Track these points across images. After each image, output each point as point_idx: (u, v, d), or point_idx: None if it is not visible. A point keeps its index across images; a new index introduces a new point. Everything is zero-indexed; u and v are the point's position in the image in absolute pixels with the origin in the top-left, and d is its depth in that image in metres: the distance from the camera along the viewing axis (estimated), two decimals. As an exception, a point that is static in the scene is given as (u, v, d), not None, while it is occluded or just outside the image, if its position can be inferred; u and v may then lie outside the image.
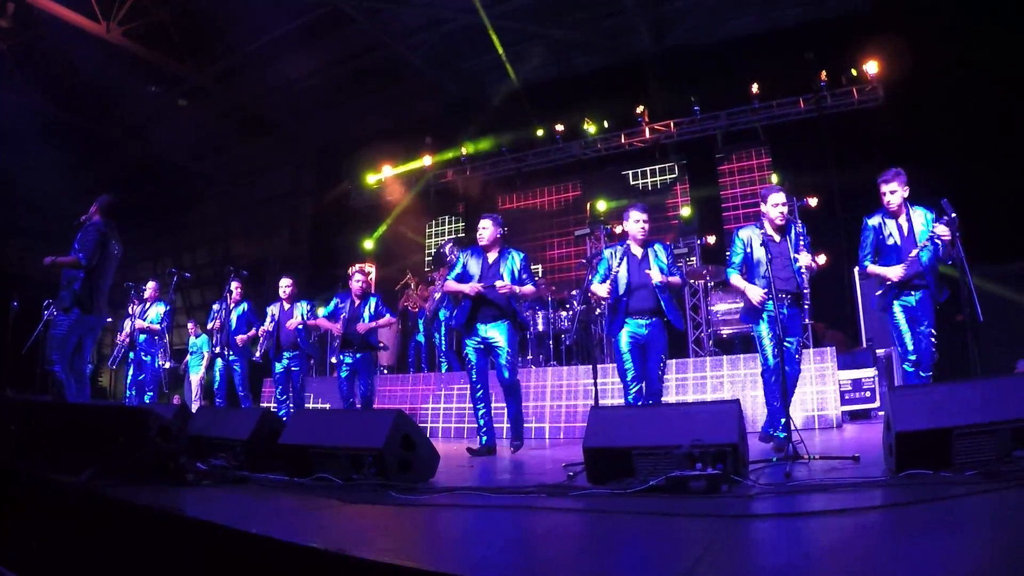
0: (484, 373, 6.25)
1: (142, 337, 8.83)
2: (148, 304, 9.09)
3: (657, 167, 13.87)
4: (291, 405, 8.55)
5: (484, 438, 6.12)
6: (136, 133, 16.49)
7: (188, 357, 9.58)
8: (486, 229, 6.28)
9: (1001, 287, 9.00)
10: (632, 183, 14.09)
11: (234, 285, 8.57)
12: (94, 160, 17.04)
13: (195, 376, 10.11)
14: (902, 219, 5.24)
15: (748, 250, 5.28)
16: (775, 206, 5.21)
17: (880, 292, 5.37)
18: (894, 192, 5.18)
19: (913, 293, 5.20)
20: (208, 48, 13.46)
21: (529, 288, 6.20)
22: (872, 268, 5.36)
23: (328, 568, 2.08)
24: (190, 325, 11.48)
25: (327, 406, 9.75)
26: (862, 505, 2.64)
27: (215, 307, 9.24)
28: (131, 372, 8.95)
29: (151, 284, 9.23)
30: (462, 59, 14.05)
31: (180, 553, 2.59)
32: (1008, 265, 9.13)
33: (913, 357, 5.16)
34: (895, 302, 5.25)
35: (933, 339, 5.17)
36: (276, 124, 16.65)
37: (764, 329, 5.16)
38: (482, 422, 6.18)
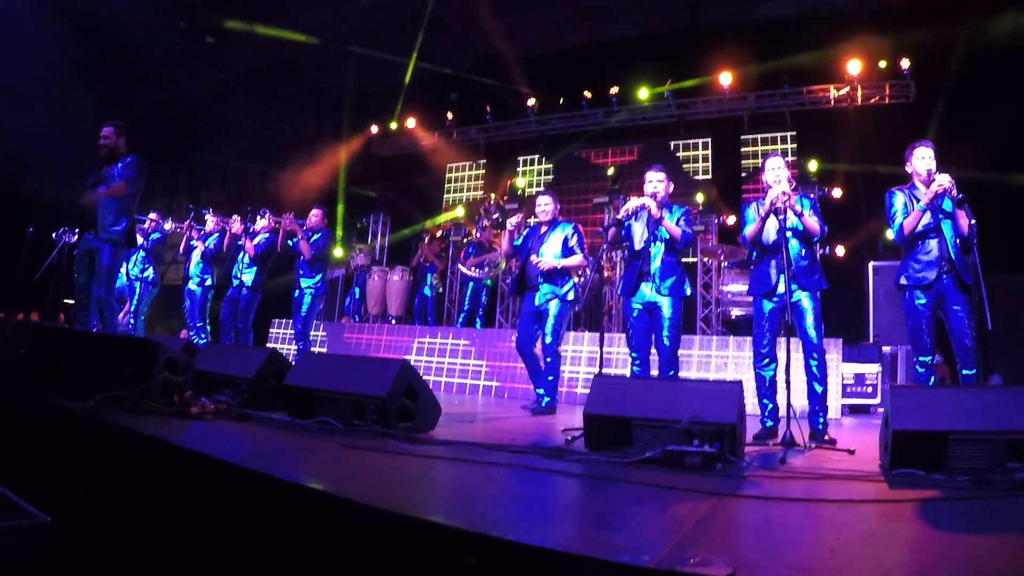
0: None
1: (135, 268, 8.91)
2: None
3: (680, 143, 13.76)
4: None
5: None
6: (158, 71, 16.40)
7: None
8: (548, 205, 6.63)
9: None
10: (653, 156, 13.96)
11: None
12: (115, 96, 16.95)
13: None
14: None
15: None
16: (771, 171, 4.96)
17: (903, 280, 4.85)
18: (934, 159, 4.78)
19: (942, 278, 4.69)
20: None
21: (573, 260, 6.38)
22: (908, 220, 4.76)
23: (324, 509, 2.12)
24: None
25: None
26: (851, 497, 2.66)
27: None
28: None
29: (152, 215, 9.27)
30: (491, 17, 13.89)
31: (179, 484, 2.65)
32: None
33: (927, 359, 4.77)
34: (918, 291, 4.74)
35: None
36: (301, 69, 16.52)
37: (766, 308, 4.89)
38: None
